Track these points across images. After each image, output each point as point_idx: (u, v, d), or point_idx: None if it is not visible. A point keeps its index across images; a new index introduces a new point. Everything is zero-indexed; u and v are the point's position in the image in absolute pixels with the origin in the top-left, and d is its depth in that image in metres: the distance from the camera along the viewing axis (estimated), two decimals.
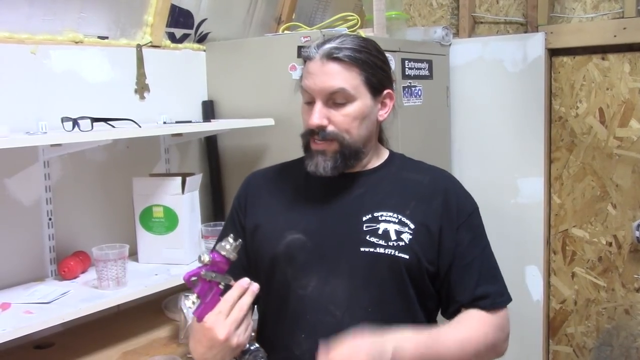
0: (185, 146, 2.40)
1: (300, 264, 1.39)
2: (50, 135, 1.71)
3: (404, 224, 1.37)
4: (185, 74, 2.39)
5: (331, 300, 1.35)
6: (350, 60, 1.34)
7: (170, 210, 2.00)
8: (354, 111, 1.36)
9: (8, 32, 1.84)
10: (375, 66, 1.38)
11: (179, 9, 2.31)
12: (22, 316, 1.60)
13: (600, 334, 2.79)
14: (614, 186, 2.70)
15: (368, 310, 1.34)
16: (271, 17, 2.71)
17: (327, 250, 1.38)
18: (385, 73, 1.42)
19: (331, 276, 1.36)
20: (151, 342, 1.91)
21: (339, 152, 1.38)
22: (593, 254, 2.78)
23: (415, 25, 3.09)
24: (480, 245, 1.43)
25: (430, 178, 1.46)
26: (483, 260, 1.41)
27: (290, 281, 1.39)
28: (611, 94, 2.67)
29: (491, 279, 1.41)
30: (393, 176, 1.46)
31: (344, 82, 1.34)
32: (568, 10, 2.75)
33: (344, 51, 1.35)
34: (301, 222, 1.42)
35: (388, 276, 1.35)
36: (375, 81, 1.38)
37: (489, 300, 1.38)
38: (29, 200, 1.90)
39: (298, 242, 1.40)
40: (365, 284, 1.35)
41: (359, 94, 1.36)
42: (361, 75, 1.36)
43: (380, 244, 1.35)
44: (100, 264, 1.76)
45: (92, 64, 2.05)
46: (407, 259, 1.34)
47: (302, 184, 1.48)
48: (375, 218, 1.38)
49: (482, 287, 1.38)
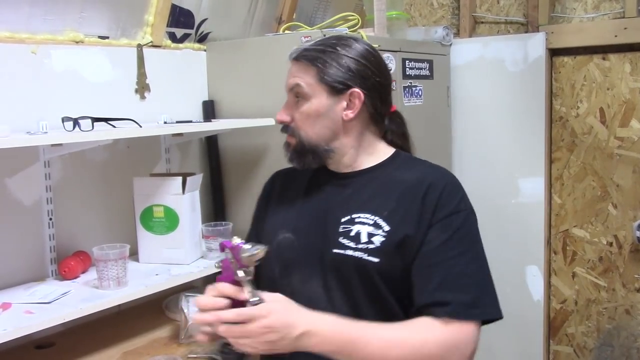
0: (185, 146, 2.40)
1: (287, 262, 1.42)
2: (51, 135, 1.71)
3: (379, 226, 1.34)
4: (186, 74, 2.39)
5: (309, 300, 1.34)
6: (306, 60, 1.40)
7: (170, 210, 2.00)
8: (307, 109, 1.39)
9: (9, 31, 1.84)
10: (337, 66, 1.38)
11: (180, 9, 2.31)
12: (23, 316, 1.60)
13: (601, 334, 2.79)
14: (615, 186, 2.70)
15: (344, 312, 1.32)
16: (272, 17, 2.71)
17: (310, 250, 1.40)
18: (351, 73, 1.39)
19: (310, 276, 1.38)
20: (152, 342, 1.91)
21: (294, 148, 1.43)
22: (594, 254, 2.78)
23: (416, 25, 3.09)
24: (457, 249, 1.29)
25: (419, 176, 1.39)
26: (455, 266, 1.27)
27: (276, 279, 1.42)
28: (612, 94, 2.67)
29: (459, 287, 1.25)
30: (385, 177, 1.42)
31: (299, 80, 1.39)
32: (569, 10, 2.75)
33: (302, 51, 1.41)
34: (293, 220, 1.46)
35: (356, 279, 1.33)
36: (331, 80, 1.38)
37: (447, 308, 1.23)
38: (29, 200, 1.90)
39: (287, 241, 1.44)
40: (339, 286, 1.35)
41: (314, 93, 1.39)
42: (317, 74, 1.38)
43: (349, 246, 1.34)
44: (101, 264, 1.76)
45: (92, 64, 2.05)
46: (377, 262, 1.31)
47: (304, 184, 1.51)
48: (352, 220, 1.37)
49: (443, 292, 1.25)
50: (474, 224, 1.37)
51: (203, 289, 2.27)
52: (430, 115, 2.76)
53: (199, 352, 1.81)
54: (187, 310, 1.86)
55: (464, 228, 1.33)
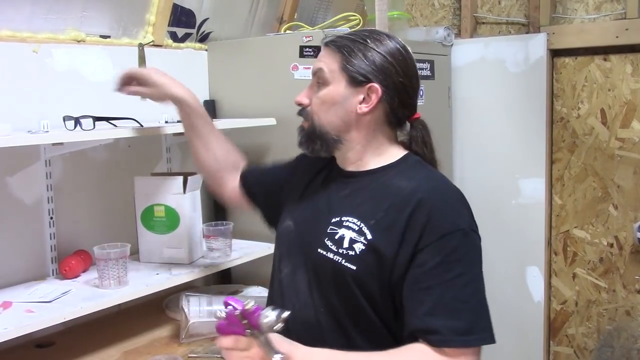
0: (186, 145, 2.38)
1: (284, 250, 1.48)
2: (52, 134, 1.71)
3: (362, 233, 1.32)
4: (187, 74, 2.38)
5: (295, 292, 1.40)
6: (334, 46, 1.40)
7: (171, 210, 2.00)
8: (324, 95, 1.40)
9: (10, 30, 1.84)
10: (362, 58, 1.36)
11: (181, 8, 2.31)
12: (23, 315, 1.60)
13: (601, 335, 2.79)
14: (616, 187, 2.69)
15: (320, 310, 1.35)
16: (273, 17, 2.71)
17: (301, 243, 1.43)
18: (375, 67, 1.37)
19: (298, 269, 1.42)
20: (152, 341, 1.91)
21: (306, 131, 1.44)
22: (594, 255, 2.78)
23: (417, 25, 3.09)
24: (451, 272, 1.24)
25: (413, 187, 1.33)
26: (448, 290, 1.22)
27: (276, 262, 1.50)
28: (613, 95, 2.66)
29: (451, 313, 1.21)
30: (384, 181, 1.39)
31: (323, 65, 1.40)
32: (570, 11, 2.75)
33: (333, 38, 1.42)
34: (297, 210, 1.49)
35: (333, 282, 1.34)
36: (354, 70, 1.36)
37: (437, 336, 1.20)
38: (30, 199, 1.90)
39: (287, 229, 1.49)
40: (318, 285, 1.37)
41: (334, 80, 1.39)
42: (341, 62, 1.38)
43: (332, 249, 1.34)
44: (102, 263, 1.76)
45: (94, 63, 2.05)
46: (354, 269, 1.30)
47: (314, 175, 1.53)
48: (340, 222, 1.36)
49: (434, 318, 1.21)
50: (472, 243, 1.30)
51: (203, 288, 2.29)
52: (431, 116, 2.71)
53: (199, 352, 1.81)
54: (188, 309, 1.86)
55: (458, 250, 1.26)
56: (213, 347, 1.82)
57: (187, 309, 1.86)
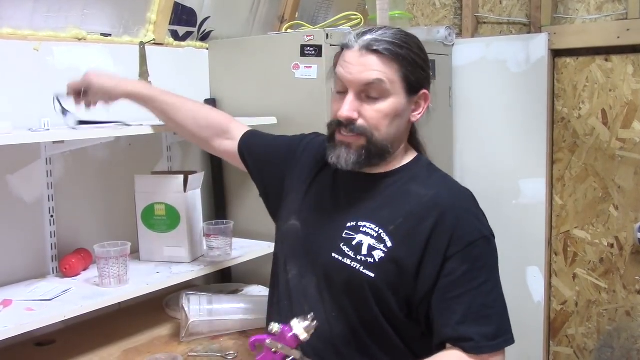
0: (187, 144, 2.40)
1: (289, 250, 1.44)
2: (53, 132, 1.71)
3: (382, 240, 1.30)
4: (188, 72, 2.39)
5: (303, 294, 1.37)
6: (390, 55, 1.29)
7: (172, 208, 2.00)
8: (387, 107, 1.31)
9: (11, 28, 1.84)
10: (415, 64, 1.32)
11: (182, 7, 2.31)
12: (24, 313, 1.59)
13: (601, 336, 2.79)
14: (616, 188, 2.69)
15: (332, 314, 1.33)
16: (274, 16, 2.70)
17: (311, 245, 1.39)
18: (425, 73, 1.36)
19: (307, 271, 1.38)
20: (152, 340, 1.91)
21: (365, 148, 1.32)
22: (594, 256, 2.78)
23: (418, 25, 3.09)
24: (478, 279, 1.27)
25: (433, 194, 1.33)
26: (476, 297, 1.26)
27: (281, 263, 1.45)
28: (614, 95, 2.66)
29: (481, 319, 1.25)
30: (400, 185, 1.37)
31: (382, 75, 1.29)
32: (571, 11, 2.75)
33: (385, 44, 1.29)
34: (305, 210, 1.45)
35: (347, 288, 1.32)
36: (414, 80, 1.32)
37: (472, 343, 1.24)
38: (31, 197, 1.90)
39: (294, 229, 1.44)
40: (331, 290, 1.34)
41: (395, 91, 1.30)
42: (400, 71, 1.30)
43: (349, 255, 1.32)
44: (102, 262, 1.76)
45: (95, 61, 2.05)
46: (373, 277, 1.29)
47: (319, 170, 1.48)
48: (356, 227, 1.34)
49: (466, 326, 1.25)
50: (492, 248, 1.34)
51: (204, 287, 2.29)
52: (432, 116, 2.75)
53: (199, 351, 1.81)
54: (188, 308, 1.86)
55: (483, 257, 1.30)
56: (213, 346, 1.83)
57: (187, 308, 1.86)
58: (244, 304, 1.97)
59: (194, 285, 2.26)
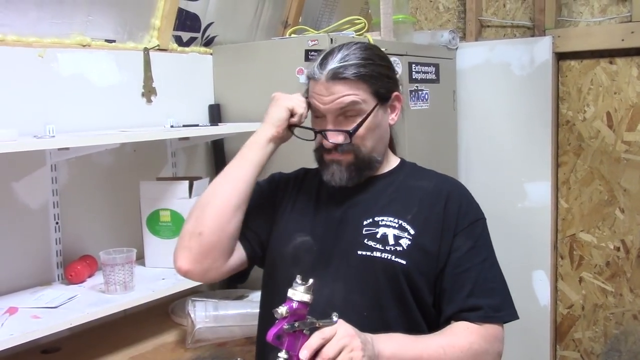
0: (192, 150, 2.40)
1: (306, 266, 1.39)
2: (58, 139, 1.71)
3: (404, 229, 1.35)
4: (192, 78, 2.38)
5: (328, 303, 1.33)
6: (357, 78, 1.34)
7: (177, 215, 1.99)
8: (367, 123, 1.35)
9: (16, 35, 1.84)
10: (381, 76, 1.37)
11: (186, 13, 2.31)
12: (30, 321, 1.59)
13: (608, 340, 2.78)
14: (622, 190, 2.68)
15: (364, 314, 1.33)
16: (278, 21, 2.70)
17: (330, 254, 1.38)
18: (392, 79, 1.41)
19: (331, 279, 1.36)
20: (158, 347, 1.91)
21: (354, 164, 1.38)
22: (601, 259, 2.77)
23: (422, 28, 3.09)
24: (481, 255, 1.37)
25: (435, 184, 1.43)
26: (481, 271, 1.35)
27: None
28: (619, 98, 2.66)
29: (488, 292, 1.34)
30: (399, 183, 1.44)
31: (354, 97, 1.33)
32: (575, 14, 2.74)
33: (349, 69, 1.33)
34: (309, 225, 1.43)
35: (384, 281, 1.33)
36: (384, 91, 1.38)
37: (480, 312, 1.31)
38: (36, 204, 1.90)
39: (306, 245, 1.41)
40: (361, 288, 1.34)
41: (370, 105, 1.35)
42: (369, 88, 1.35)
43: (377, 247, 1.34)
44: (108, 268, 1.76)
45: (99, 67, 2.05)
46: (404, 264, 1.32)
47: (315, 188, 1.49)
48: (375, 222, 1.37)
49: (475, 298, 1.32)
50: (487, 230, 1.43)
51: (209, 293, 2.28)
52: (436, 119, 2.75)
53: (205, 357, 1.80)
54: (194, 315, 1.85)
55: (483, 235, 1.40)
56: (219, 353, 1.82)
57: (193, 314, 1.85)
58: (250, 309, 1.96)
59: (199, 292, 2.25)
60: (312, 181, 1.50)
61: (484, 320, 1.31)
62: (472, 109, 2.94)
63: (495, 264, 1.39)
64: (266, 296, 1.48)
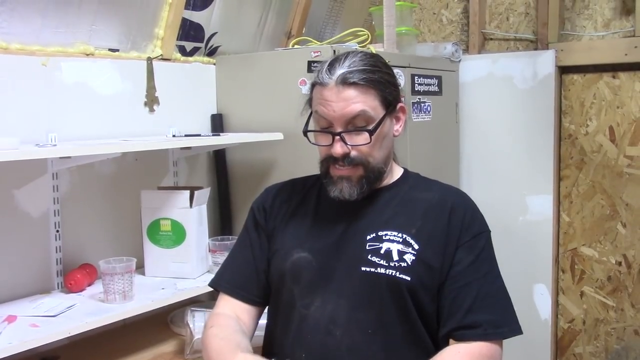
0: (193, 159, 2.40)
1: (305, 283, 1.38)
2: (60, 148, 1.71)
3: (408, 244, 1.33)
4: (195, 87, 2.39)
5: (331, 320, 1.32)
6: (367, 83, 1.31)
7: (178, 224, 1.99)
8: (378, 133, 1.33)
9: (20, 44, 1.84)
10: (388, 84, 1.36)
11: (190, 22, 2.32)
12: (28, 329, 1.59)
13: (609, 355, 2.76)
14: (624, 205, 2.68)
15: (368, 331, 1.31)
16: (281, 32, 2.71)
17: (331, 269, 1.36)
18: (396, 88, 1.40)
19: (334, 296, 1.34)
20: (157, 356, 1.90)
21: (365, 177, 1.35)
22: (602, 273, 2.76)
23: (425, 41, 3.10)
24: (482, 269, 1.34)
25: (439, 196, 1.41)
26: (482, 286, 1.32)
27: (295, 300, 1.38)
28: (622, 112, 2.65)
29: (488, 307, 1.30)
30: (403, 195, 1.42)
31: (364, 105, 1.31)
32: (579, 28, 2.75)
33: (359, 74, 1.31)
34: (308, 240, 1.41)
35: (388, 297, 1.31)
36: (391, 98, 1.36)
37: (478, 330, 1.28)
38: (37, 212, 1.90)
39: (304, 261, 1.39)
40: (365, 305, 1.32)
41: (378, 115, 1.33)
42: (378, 95, 1.33)
43: (381, 263, 1.32)
44: (107, 277, 1.76)
45: (102, 77, 2.05)
46: (409, 280, 1.30)
47: (313, 202, 1.47)
48: (379, 237, 1.35)
49: (473, 314, 1.29)
50: (491, 243, 1.40)
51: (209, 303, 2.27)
52: (438, 132, 2.75)
53: None
54: (193, 325, 1.85)
55: (486, 248, 1.37)
56: None
57: (192, 324, 1.85)
58: None
59: (199, 302, 2.25)
60: (310, 192, 1.48)
61: (482, 339, 1.28)
62: (474, 121, 2.94)
63: (498, 278, 1.36)
64: (272, 313, 1.48)
